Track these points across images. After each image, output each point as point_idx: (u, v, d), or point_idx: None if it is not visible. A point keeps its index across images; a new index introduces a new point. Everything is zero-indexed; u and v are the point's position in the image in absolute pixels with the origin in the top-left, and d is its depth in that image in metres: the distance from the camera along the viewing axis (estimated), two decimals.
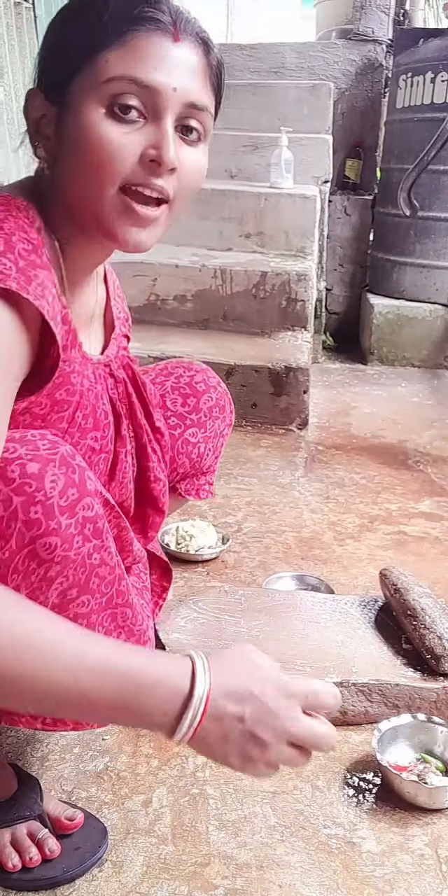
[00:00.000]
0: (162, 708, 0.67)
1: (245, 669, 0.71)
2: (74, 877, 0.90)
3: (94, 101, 0.75)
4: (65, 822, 0.94)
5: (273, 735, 0.70)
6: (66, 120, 0.78)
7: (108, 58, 0.74)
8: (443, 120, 2.41)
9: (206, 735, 0.69)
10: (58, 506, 0.74)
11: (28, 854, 0.90)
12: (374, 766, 1.06)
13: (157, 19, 0.75)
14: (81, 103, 0.76)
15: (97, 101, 0.75)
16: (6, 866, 0.89)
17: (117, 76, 0.74)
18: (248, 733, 0.69)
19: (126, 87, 0.75)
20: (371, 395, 2.99)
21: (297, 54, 3.77)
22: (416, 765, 1.07)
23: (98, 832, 0.95)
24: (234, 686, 0.69)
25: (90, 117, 0.75)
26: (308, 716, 0.72)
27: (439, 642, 1.15)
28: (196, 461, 1.19)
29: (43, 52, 0.82)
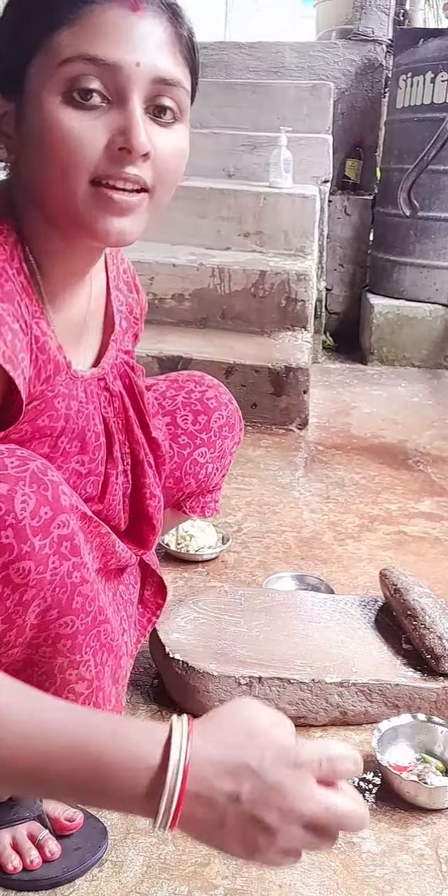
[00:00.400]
0: (135, 789, 0.55)
1: (241, 734, 0.57)
2: (74, 877, 0.90)
3: (51, 89, 0.67)
4: (64, 822, 0.93)
5: (280, 818, 0.55)
6: (25, 114, 0.70)
7: (61, 38, 0.66)
8: (443, 120, 2.41)
9: (194, 820, 0.56)
10: (30, 527, 0.70)
11: (28, 857, 0.89)
12: (374, 766, 1.06)
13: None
14: (38, 93, 0.68)
15: (54, 88, 0.67)
16: (6, 868, 0.88)
17: (72, 56, 0.67)
18: (247, 817, 0.55)
19: (83, 67, 0.67)
20: (371, 395, 2.99)
21: (297, 54, 3.77)
22: (416, 765, 1.07)
23: (98, 832, 0.95)
24: (225, 757, 0.55)
25: (48, 108, 0.68)
26: (326, 786, 0.57)
27: (439, 642, 1.15)
28: (203, 481, 1.16)
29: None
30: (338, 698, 1.14)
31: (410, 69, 3.27)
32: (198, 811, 0.55)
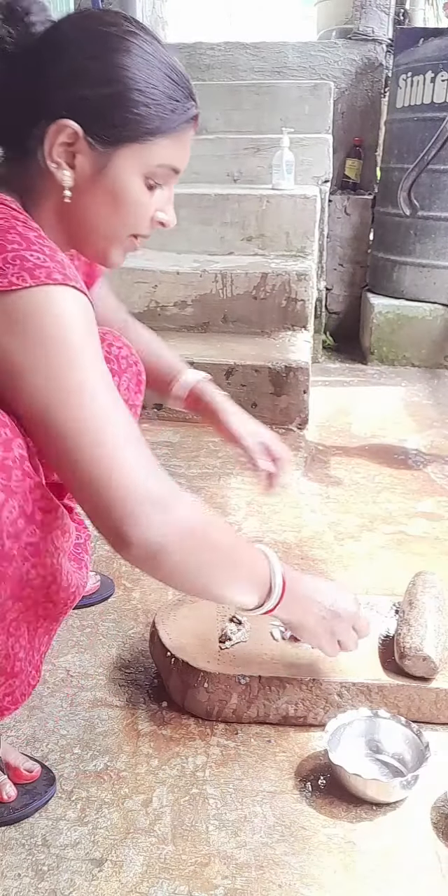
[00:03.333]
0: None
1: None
2: (22, 817, 0.99)
3: (137, 171, 0.88)
4: (23, 772, 1.02)
5: (346, 614, 1.07)
6: (108, 169, 0.87)
7: (162, 145, 0.88)
8: (443, 120, 2.40)
9: (309, 614, 1.04)
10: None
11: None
12: (327, 766, 1.06)
13: (194, 117, 0.91)
14: (126, 167, 0.88)
15: (140, 172, 0.89)
16: None
17: (166, 164, 0.90)
18: (333, 612, 1.05)
19: (167, 171, 0.91)
20: (371, 394, 3.00)
21: (299, 54, 3.77)
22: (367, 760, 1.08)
23: (48, 781, 1.03)
24: (322, 590, 1.07)
25: (132, 181, 0.89)
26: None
27: (410, 641, 1.14)
28: None
29: (93, 99, 0.85)
30: (338, 698, 1.14)
31: (410, 69, 3.27)
32: (313, 609, 1.05)
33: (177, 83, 0.88)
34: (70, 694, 1.22)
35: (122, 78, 0.84)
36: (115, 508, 0.80)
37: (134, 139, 0.86)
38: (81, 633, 1.38)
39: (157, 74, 0.86)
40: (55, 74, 0.85)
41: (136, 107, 0.85)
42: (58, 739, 1.13)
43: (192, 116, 0.90)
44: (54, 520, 0.85)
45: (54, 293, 0.78)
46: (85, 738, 1.13)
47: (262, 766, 1.09)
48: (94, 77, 0.84)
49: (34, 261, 0.78)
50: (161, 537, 0.82)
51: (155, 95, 0.86)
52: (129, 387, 1.25)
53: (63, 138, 0.85)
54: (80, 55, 0.84)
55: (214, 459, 1.37)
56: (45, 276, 0.78)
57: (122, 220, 0.91)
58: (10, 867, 0.93)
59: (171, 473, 2.05)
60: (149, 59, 0.86)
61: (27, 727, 1.15)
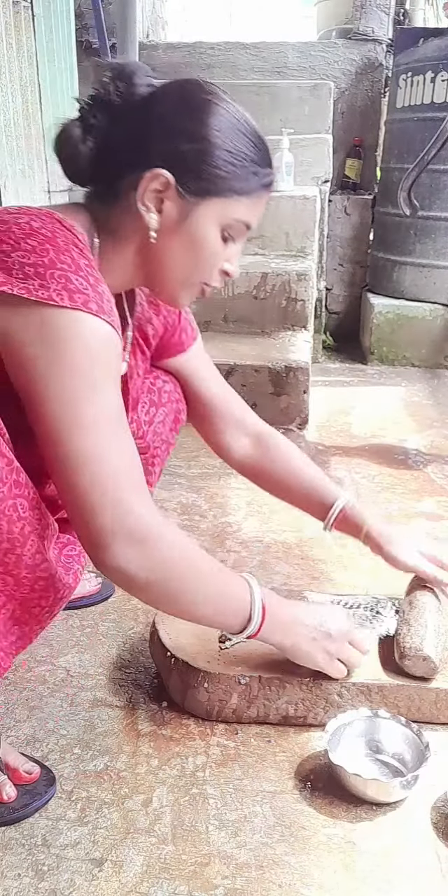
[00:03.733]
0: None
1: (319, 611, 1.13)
2: (23, 817, 0.99)
3: (217, 223, 0.97)
4: (23, 774, 1.03)
5: (340, 634, 1.10)
6: (190, 218, 0.96)
7: (242, 202, 0.97)
8: (443, 120, 2.40)
9: (300, 637, 1.08)
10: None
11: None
12: (327, 766, 1.06)
13: (271, 183, 1.01)
14: (207, 218, 0.97)
15: (220, 224, 0.98)
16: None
17: (242, 220, 0.99)
18: (324, 632, 1.09)
19: (241, 227, 1.00)
20: (371, 394, 3.00)
21: (299, 54, 3.77)
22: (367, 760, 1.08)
23: (48, 781, 1.03)
24: (309, 612, 1.12)
25: (211, 235, 0.98)
26: None
27: (410, 641, 1.14)
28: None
29: (188, 155, 0.94)
30: (338, 698, 1.14)
31: (410, 69, 3.27)
32: (301, 631, 1.08)
33: (260, 150, 0.98)
34: (70, 694, 1.22)
35: (214, 138, 0.94)
36: (96, 535, 0.88)
37: (218, 194, 0.96)
38: (81, 633, 1.38)
39: (244, 140, 0.96)
40: (154, 129, 0.94)
41: (225, 166, 0.95)
42: (58, 739, 1.13)
43: (269, 182, 1.00)
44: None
45: (87, 321, 0.85)
46: (85, 738, 1.13)
47: (262, 766, 1.09)
48: (189, 134, 0.94)
49: (77, 285, 0.85)
50: (133, 570, 0.90)
51: (240, 158, 0.96)
52: (164, 420, 1.29)
53: (155, 185, 0.94)
54: (177, 115, 0.95)
55: (214, 459, 1.36)
56: (81, 303, 0.85)
57: (196, 266, 1.00)
58: (10, 867, 0.93)
59: (172, 473, 2.06)
60: (237, 125, 0.96)
61: (27, 727, 1.15)
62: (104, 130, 0.96)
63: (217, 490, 1.98)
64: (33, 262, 0.84)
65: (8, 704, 1.20)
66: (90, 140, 0.96)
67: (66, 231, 0.90)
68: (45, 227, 0.88)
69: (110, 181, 0.98)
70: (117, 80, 0.96)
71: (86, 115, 0.96)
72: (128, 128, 0.95)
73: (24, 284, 0.83)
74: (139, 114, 0.95)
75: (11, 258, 0.84)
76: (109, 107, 0.96)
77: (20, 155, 2.60)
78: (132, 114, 0.96)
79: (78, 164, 0.98)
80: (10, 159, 2.51)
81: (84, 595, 1.46)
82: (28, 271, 0.84)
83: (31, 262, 0.84)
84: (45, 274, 0.84)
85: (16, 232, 0.86)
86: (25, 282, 0.83)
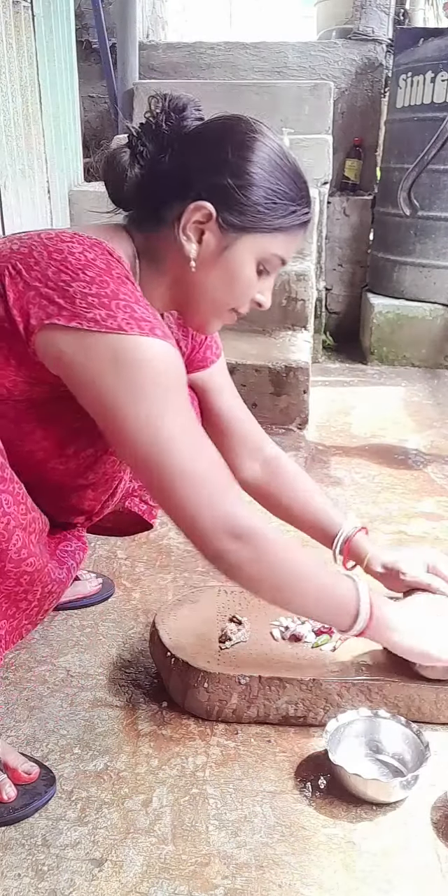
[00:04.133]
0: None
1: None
2: (23, 817, 0.99)
3: (254, 256, 1.00)
4: (22, 774, 1.03)
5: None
6: (229, 250, 0.99)
7: (278, 238, 1.00)
8: (443, 120, 2.40)
9: (411, 621, 1.10)
10: None
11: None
12: (327, 767, 1.06)
13: (308, 222, 1.03)
14: (246, 251, 1.00)
15: (257, 257, 1.01)
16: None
17: (278, 255, 1.02)
18: (434, 616, 1.12)
19: (277, 261, 1.03)
20: (371, 394, 3.00)
21: (299, 54, 3.77)
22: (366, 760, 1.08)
23: (48, 781, 1.03)
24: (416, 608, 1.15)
25: (248, 268, 1.01)
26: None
27: None
28: None
29: (230, 189, 0.97)
30: (338, 698, 1.14)
31: (410, 69, 3.27)
32: (411, 614, 1.11)
33: (300, 189, 1.01)
34: (70, 694, 1.22)
35: (256, 175, 0.97)
36: (201, 540, 0.93)
37: (258, 230, 0.99)
38: (81, 633, 1.38)
39: (285, 178, 0.99)
40: (200, 161, 0.98)
41: (265, 203, 0.98)
42: (58, 739, 1.13)
43: (306, 220, 1.03)
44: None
45: (155, 346, 0.89)
46: (85, 738, 1.13)
47: (262, 766, 1.09)
48: (232, 170, 0.97)
49: (141, 314, 0.89)
50: (242, 564, 0.94)
51: (281, 195, 0.98)
52: None
53: (198, 216, 0.98)
54: (222, 149, 0.97)
55: None
56: (149, 329, 0.89)
57: (231, 296, 1.03)
58: (10, 867, 0.93)
59: None
60: (279, 162, 0.99)
61: (27, 727, 1.15)
62: (152, 158, 1.00)
63: None
64: (95, 292, 0.88)
65: (8, 704, 1.20)
66: (137, 167, 1.00)
67: (116, 262, 0.93)
68: (99, 259, 0.91)
69: (154, 208, 1.01)
70: (169, 111, 1.00)
71: (134, 143, 1.00)
72: (175, 158, 0.99)
73: (90, 314, 0.87)
74: (187, 145, 0.99)
75: (72, 288, 0.88)
76: (158, 136, 1.00)
77: (20, 155, 2.60)
78: (180, 145, 1.00)
79: (124, 189, 1.01)
80: (10, 159, 2.51)
81: (84, 595, 1.46)
82: (92, 301, 0.87)
83: (93, 292, 0.88)
84: (109, 304, 0.88)
85: (72, 262, 0.89)
86: (91, 311, 0.87)
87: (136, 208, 1.04)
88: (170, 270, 1.03)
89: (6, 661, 1.30)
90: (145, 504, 1.35)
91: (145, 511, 1.36)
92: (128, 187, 1.01)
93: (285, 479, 1.31)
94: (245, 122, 1.01)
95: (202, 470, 0.91)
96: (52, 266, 0.89)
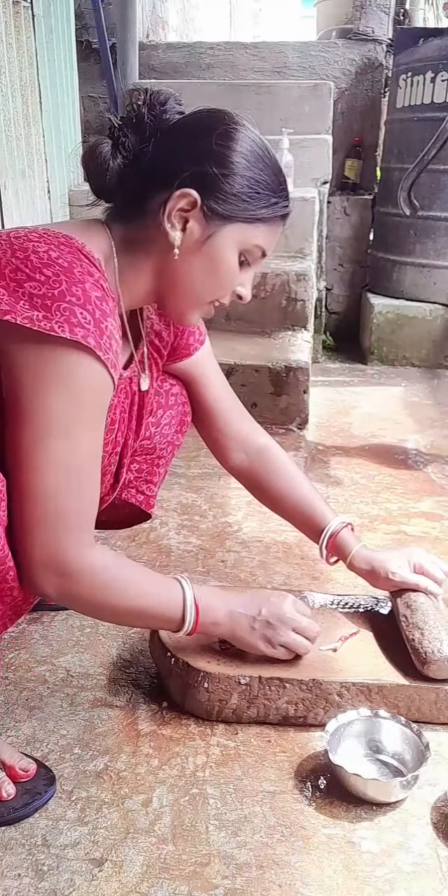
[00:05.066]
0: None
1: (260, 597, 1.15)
2: (23, 817, 0.99)
3: (237, 247, 1.02)
4: (19, 771, 1.03)
5: (281, 622, 1.12)
6: (212, 239, 1.00)
7: (260, 229, 1.02)
8: (443, 119, 2.40)
9: (238, 627, 1.11)
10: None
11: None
12: (328, 767, 1.06)
13: (287, 215, 1.05)
14: (229, 241, 1.01)
15: (239, 248, 1.02)
16: None
17: (260, 245, 1.03)
18: (264, 622, 1.11)
19: (259, 252, 1.04)
20: (371, 394, 3.00)
21: (299, 54, 3.77)
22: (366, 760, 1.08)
23: (47, 780, 1.03)
24: (247, 603, 1.12)
25: (230, 257, 1.02)
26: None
27: (429, 645, 1.14)
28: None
29: (216, 178, 0.98)
30: (338, 698, 1.14)
31: (410, 69, 3.27)
32: (240, 622, 1.11)
33: (280, 182, 1.02)
34: (70, 694, 1.22)
35: (239, 164, 0.98)
36: (27, 560, 0.93)
37: (241, 219, 1.00)
38: (81, 633, 1.38)
39: (267, 170, 1.01)
40: (184, 151, 0.99)
41: (248, 192, 0.99)
42: (58, 739, 1.13)
43: (286, 213, 1.04)
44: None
45: (80, 362, 0.90)
46: (85, 738, 1.13)
47: (262, 766, 1.09)
48: (216, 159, 0.98)
49: (80, 318, 0.89)
50: (53, 595, 0.95)
51: (263, 186, 1.00)
52: (170, 422, 1.32)
53: (183, 204, 0.98)
54: (206, 139, 0.99)
55: (215, 459, 1.36)
56: (81, 336, 0.88)
57: (214, 285, 1.04)
58: (10, 867, 0.93)
59: (172, 473, 2.06)
60: (261, 156, 1.00)
61: (27, 727, 1.15)
62: (134, 150, 1.00)
63: (217, 490, 1.99)
64: (43, 293, 0.88)
65: (8, 704, 1.20)
66: (120, 157, 1.00)
67: (83, 260, 0.93)
68: (62, 257, 0.91)
69: (136, 198, 1.01)
70: (151, 103, 1.00)
71: (116, 134, 1.00)
72: (158, 148, 1.00)
73: (28, 314, 0.87)
74: (170, 136, 1.00)
75: (24, 288, 0.88)
76: (140, 128, 1.00)
77: (20, 155, 2.60)
78: (163, 135, 1.00)
79: (105, 180, 1.01)
80: (10, 159, 2.51)
81: None
82: (36, 302, 0.88)
83: (40, 293, 0.88)
84: (51, 306, 0.88)
85: (34, 260, 0.90)
86: (31, 312, 0.87)
87: (118, 199, 1.04)
88: (151, 261, 1.03)
89: (6, 661, 1.30)
90: (142, 494, 1.36)
91: (143, 501, 1.36)
92: (110, 178, 1.00)
93: (273, 470, 1.31)
94: (227, 114, 1.02)
95: (60, 506, 0.91)
96: (11, 264, 0.90)
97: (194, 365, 1.29)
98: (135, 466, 1.33)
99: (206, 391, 1.31)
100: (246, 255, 1.03)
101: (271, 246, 1.05)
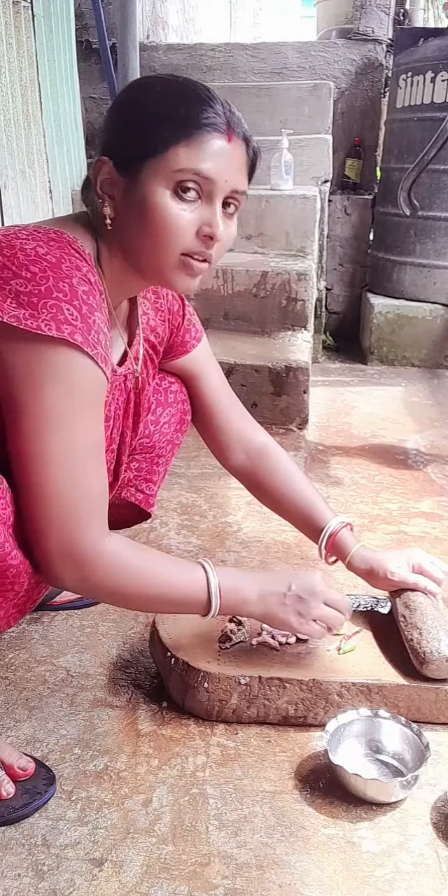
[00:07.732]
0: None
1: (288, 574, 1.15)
2: (23, 816, 0.99)
3: (163, 185, 0.93)
4: (17, 770, 1.03)
5: (312, 596, 1.10)
6: (135, 191, 0.95)
7: (178, 152, 0.92)
8: (443, 119, 2.40)
9: (270, 603, 1.09)
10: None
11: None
12: (328, 766, 1.06)
13: (216, 124, 0.93)
14: (151, 183, 0.93)
15: (165, 184, 0.93)
16: None
17: (185, 168, 0.93)
18: (295, 596, 1.09)
19: (190, 176, 0.93)
20: (371, 394, 3.00)
21: (299, 54, 3.77)
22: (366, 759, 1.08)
23: (48, 780, 1.03)
24: (276, 580, 1.11)
25: (158, 198, 0.93)
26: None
27: (427, 645, 1.14)
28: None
29: (116, 132, 0.97)
30: (338, 698, 1.14)
31: (410, 69, 3.27)
32: (270, 599, 1.09)
33: (191, 96, 0.94)
34: (70, 694, 1.22)
35: (136, 108, 0.96)
36: (43, 554, 0.93)
37: (149, 155, 0.93)
38: (81, 633, 1.38)
39: (171, 95, 0.94)
40: (104, 127, 1.00)
41: (146, 126, 0.94)
42: (58, 739, 1.13)
43: (209, 123, 0.93)
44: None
45: (69, 357, 0.89)
46: (85, 738, 1.13)
47: (262, 766, 1.09)
48: (118, 116, 0.98)
49: (67, 315, 0.88)
50: (72, 587, 0.97)
51: (164, 111, 0.93)
52: (170, 421, 1.31)
53: (103, 174, 0.97)
54: (114, 109, 0.99)
55: (215, 459, 1.36)
56: (68, 334, 0.88)
57: (160, 238, 0.96)
58: (10, 867, 0.93)
59: (171, 473, 2.06)
60: (164, 89, 0.95)
61: (27, 727, 1.15)
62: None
63: (217, 490, 1.99)
64: (29, 290, 0.88)
65: (8, 704, 1.20)
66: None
67: (73, 255, 0.93)
68: (50, 253, 0.91)
69: (88, 185, 1.02)
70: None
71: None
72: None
73: (14, 313, 0.87)
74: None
75: (10, 285, 0.88)
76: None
77: (20, 155, 2.60)
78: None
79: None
80: (10, 159, 2.51)
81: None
82: (22, 300, 0.87)
83: (27, 290, 0.88)
84: (37, 304, 0.87)
85: (20, 258, 0.89)
86: (17, 311, 0.87)
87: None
88: (114, 241, 1.00)
89: (6, 661, 1.30)
90: (142, 494, 1.35)
91: (142, 500, 1.36)
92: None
93: (273, 470, 1.31)
94: (138, 78, 1.03)
95: (69, 497, 0.92)
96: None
97: (193, 363, 1.29)
98: (134, 465, 1.33)
99: (206, 390, 1.31)
100: (181, 186, 0.93)
101: (208, 164, 0.93)
